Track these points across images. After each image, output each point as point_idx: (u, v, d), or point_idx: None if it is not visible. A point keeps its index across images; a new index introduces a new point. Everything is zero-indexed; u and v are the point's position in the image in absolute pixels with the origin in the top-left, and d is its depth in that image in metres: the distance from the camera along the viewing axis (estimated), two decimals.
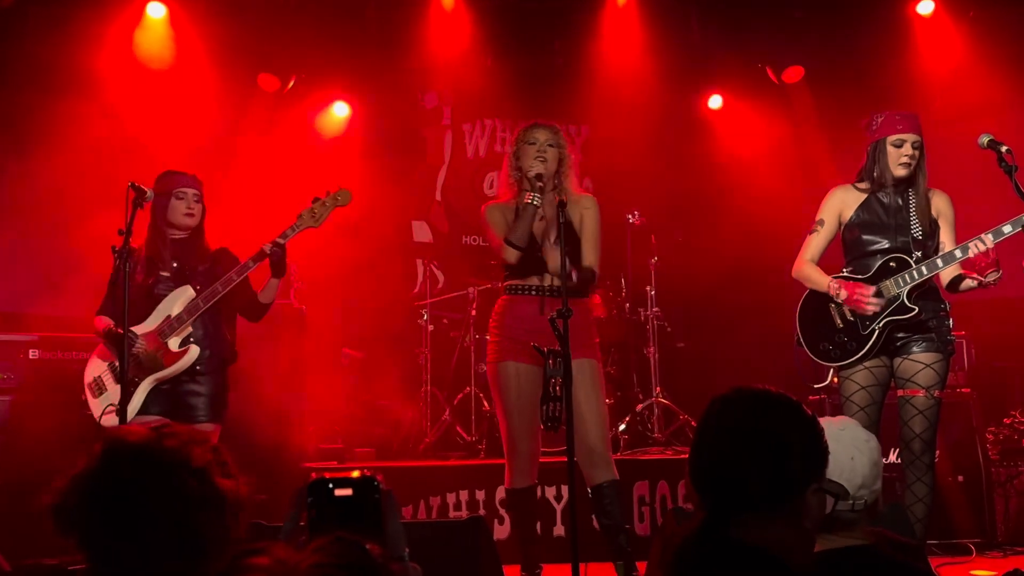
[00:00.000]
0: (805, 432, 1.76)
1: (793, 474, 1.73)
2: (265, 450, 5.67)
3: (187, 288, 4.43)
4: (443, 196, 8.23)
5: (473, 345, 6.72)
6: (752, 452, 1.71)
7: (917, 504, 4.05)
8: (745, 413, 1.76)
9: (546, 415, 3.80)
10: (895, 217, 4.15)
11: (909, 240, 4.11)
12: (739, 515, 1.67)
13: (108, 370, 4.44)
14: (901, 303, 4.05)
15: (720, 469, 1.70)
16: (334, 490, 1.36)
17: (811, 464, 1.77)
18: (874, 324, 4.08)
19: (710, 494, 1.70)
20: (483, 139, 8.34)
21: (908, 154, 4.11)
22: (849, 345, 4.14)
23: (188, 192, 4.49)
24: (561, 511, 5.47)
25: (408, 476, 5.76)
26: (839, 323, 4.18)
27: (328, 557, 1.07)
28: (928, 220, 4.14)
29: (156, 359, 4.32)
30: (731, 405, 1.78)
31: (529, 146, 4.33)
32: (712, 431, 1.75)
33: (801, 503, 1.74)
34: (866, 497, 2.14)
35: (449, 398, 6.79)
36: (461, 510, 5.51)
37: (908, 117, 4.17)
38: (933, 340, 4.09)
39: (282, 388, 5.85)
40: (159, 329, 4.37)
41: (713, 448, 1.72)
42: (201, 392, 4.43)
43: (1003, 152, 3.76)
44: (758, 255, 7.35)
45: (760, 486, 1.69)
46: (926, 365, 4.07)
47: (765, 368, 6.59)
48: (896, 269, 4.08)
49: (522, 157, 4.35)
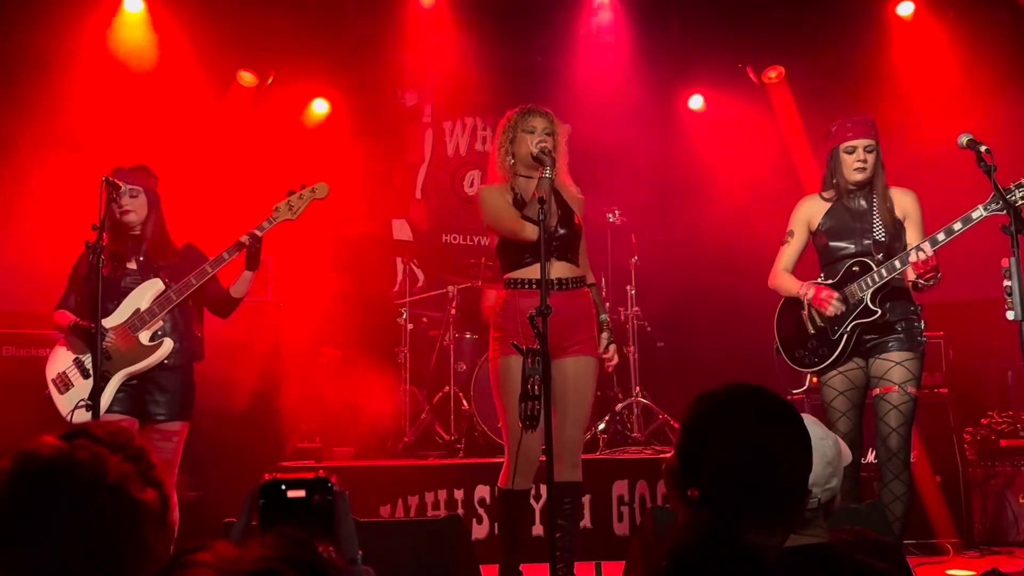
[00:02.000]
0: (806, 436, 1.71)
1: (803, 480, 1.69)
2: (242, 449, 5.63)
3: (156, 281, 4.34)
4: (423, 194, 8.20)
5: (452, 344, 6.70)
6: (784, 456, 1.65)
7: (895, 502, 4.08)
8: (763, 415, 1.69)
9: (524, 413, 3.77)
10: (860, 221, 4.24)
11: (871, 243, 4.20)
12: (746, 520, 1.61)
13: (74, 365, 4.30)
14: (865, 306, 4.14)
15: (739, 472, 1.62)
16: (287, 491, 1.34)
17: (809, 469, 1.73)
18: (842, 328, 4.18)
19: (723, 495, 1.62)
20: (463, 137, 8.31)
21: (860, 159, 4.21)
22: (821, 351, 4.25)
23: (122, 186, 4.25)
24: (540, 510, 5.44)
25: (387, 475, 5.73)
26: (811, 329, 4.29)
27: (272, 551, 1.04)
28: (892, 221, 4.21)
29: (125, 353, 4.23)
30: (743, 406, 1.71)
31: (527, 134, 4.22)
32: (725, 433, 1.66)
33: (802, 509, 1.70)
34: (820, 496, 2.11)
35: (428, 397, 6.76)
36: (440, 509, 5.48)
37: (860, 123, 4.26)
38: (903, 340, 4.16)
39: (260, 386, 5.81)
40: (129, 323, 4.27)
41: (728, 450, 1.63)
42: (168, 388, 4.32)
43: (982, 152, 3.75)
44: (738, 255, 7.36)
45: (778, 491, 1.64)
46: (897, 363, 4.14)
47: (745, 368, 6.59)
48: (859, 273, 4.17)
49: (517, 143, 4.24)
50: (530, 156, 4.17)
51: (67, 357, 4.33)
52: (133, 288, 4.33)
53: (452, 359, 6.66)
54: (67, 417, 4.20)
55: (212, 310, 4.60)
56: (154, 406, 4.30)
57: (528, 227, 4.07)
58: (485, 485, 5.49)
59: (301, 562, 1.04)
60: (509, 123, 4.30)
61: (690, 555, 1.56)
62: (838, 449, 2.18)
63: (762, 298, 7.36)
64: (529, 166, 4.22)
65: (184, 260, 4.43)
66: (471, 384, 6.40)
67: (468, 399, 6.42)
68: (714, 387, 1.76)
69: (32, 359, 5.31)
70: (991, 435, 5.75)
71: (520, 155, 4.24)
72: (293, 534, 1.07)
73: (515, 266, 4.19)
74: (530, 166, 4.22)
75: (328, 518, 1.32)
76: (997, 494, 5.59)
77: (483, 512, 5.45)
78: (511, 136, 4.27)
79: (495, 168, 4.35)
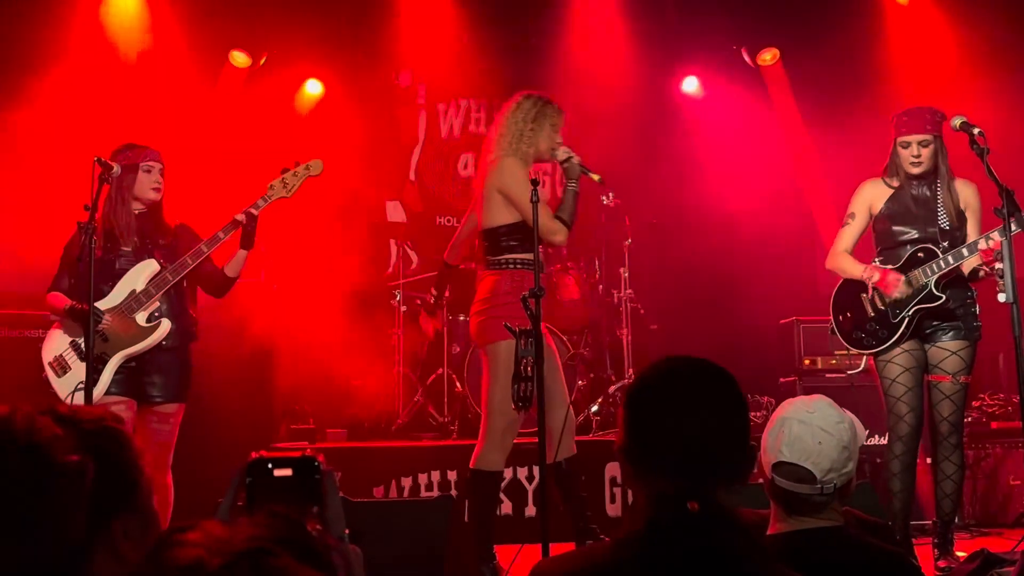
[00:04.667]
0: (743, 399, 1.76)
1: (747, 440, 1.73)
2: (235, 430, 5.63)
3: (150, 262, 4.30)
4: (417, 176, 8.18)
5: (446, 326, 6.70)
6: (736, 424, 1.70)
7: (946, 481, 4.31)
8: (721, 385, 1.74)
9: (517, 395, 3.78)
10: (923, 208, 4.31)
11: (936, 231, 4.28)
12: (708, 483, 1.66)
13: (71, 348, 4.27)
14: (929, 291, 4.22)
15: (708, 441, 1.66)
16: (273, 470, 1.33)
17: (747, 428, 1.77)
18: (904, 312, 4.26)
19: (688, 462, 1.65)
20: (458, 119, 8.29)
21: (915, 155, 4.29)
22: (881, 333, 4.32)
23: (155, 166, 4.35)
24: (533, 491, 5.47)
25: (380, 456, 5.74)
26: (871, 312, 4.35)
27: (263, 530, 1.03)
28: (955, 211, 4.30)
29: (122, 335, 4.22)
30: (702, 377, 1.75)
31: (554, 132, 4.31)
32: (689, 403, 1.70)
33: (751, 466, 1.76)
34: (835, 481, 2.12)
35: (422, 379, 6.76)
36: (432, 490, 5.50)
37: (916, 116, 4.31)
38: (960, 328, 4.28)
39: (254, 367, 5.80)
40: (125, 304, 4.23)
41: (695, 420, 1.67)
42: (166, 370, 4.30)
43: (975, 134, 3.77)
44: (732, 238, 7.37)
45: (741, 457, 1.69)
46: (953, 352, 4.27)
47: (737, 350, 6.63)
48: (924, 259, 4.25)
49: (542, 135, 4.27)
50: (550, 152, 4.27)
51: (63, 340, 4.29)
52: (127, 269, 4.29)
53: (446, 341, 6.66)
54: (65, 400, 4.16)
55: (207, 290, 4.57)
56: (152, 388, 4.28)
57: (560, 231, 4.18)
58: None
59: (292, 541, 1.03)
60: (534, 109, 4.28)
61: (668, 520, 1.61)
62: (853, 432, 2.18)
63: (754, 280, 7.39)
64: (541, 158, 4.29)
65: (178, 240, 4.41)
66: (464, 366, 6.41)
67: (461, 381, 6.43)
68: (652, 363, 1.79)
69: (23, 340, 5.29)
70: (982, 417, 5.79)
71: (541, 147, 4.28)
72: (283, 513, 1.07)
73: (525, 248, 4.18)
74: (541, 158, 4.31)
75: (315, 497, 1.32)
76: (988, 476, 5.63)
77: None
78: (539, 125, 4.26)
79: (502, 146, 4.27)
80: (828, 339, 5.79)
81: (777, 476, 2.14)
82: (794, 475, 2.12)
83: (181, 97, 6.72)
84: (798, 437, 2.13)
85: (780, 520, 2.18)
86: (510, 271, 4.19)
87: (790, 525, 2.16)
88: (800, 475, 2.11)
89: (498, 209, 4.22)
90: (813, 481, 2.11)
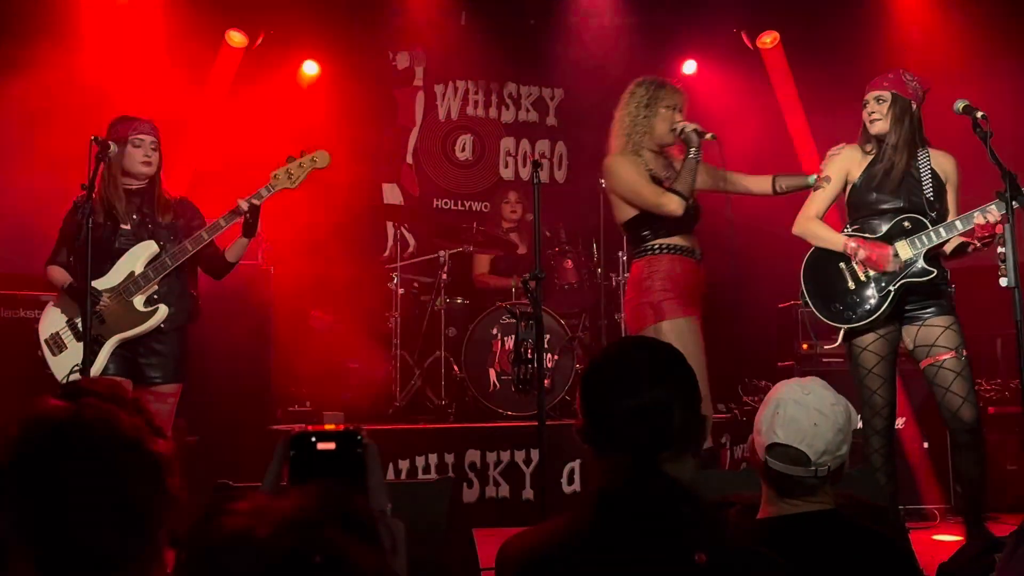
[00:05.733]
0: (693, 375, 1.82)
1: (698, 410, 1.80)
2: (233, 413, 5.62)
3: (150, 244, 4.26)
4: (414, 159, 8.14)
5: (444, 309, 6.68)
6: (682, 394, 1.77)
7: (973, 468, 4.03)
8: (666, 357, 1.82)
9: (517, 378, 3.78)
10: (905, 177, 4.09)
11: (922, 201, 4.06)
12: (660, 455, 1.73)
13: (68, 327, 4.24)
14: (919, 265, 4.00)
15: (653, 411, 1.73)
16: (316, 443, 1.32)
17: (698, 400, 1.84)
18: (890, 285, 4.02)
19: (637, 436, 1.72)
20: (455, 101, 8.24)
21: (871, 110, 4.15)
22: (862, 306, 4.05)
23: (146, 139, 4.26)
24: (530, 475, 5.47)
25: (377, 439, 5.55)
26: (851, 284, 4.09)
27: (311, 503, 1.03)
28: (938, 181, 4.10)
29: (119, 318, 4.19)
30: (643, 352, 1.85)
31: (670, 111, 4.27)
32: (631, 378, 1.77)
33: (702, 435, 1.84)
34: (829, 463, 2.11)
35: (419, 362, 6.75)
36: (430, 473, 5.50)
37: (878, 77, 4.19)
38: (943, 305, 4.06)
39: (250, 350, 5.78)
40: (123, 287, 4.20)
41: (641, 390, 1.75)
42: (163, 352, 4.28)
43: (978, 118, 3.73)
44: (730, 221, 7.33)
45: (685, 425, 1.75)
46: (946, 327, 4.01)
47: (734, 332, 6.63)
48: (911, 230, 4.03)
49: (658, 118, 4.25)
50: (670, 134, 4.23)
51: (60, 318, 4.26)
52: (126, 249, 4.25)
53: (443, 324, 6.65)
54: (62, 381, 4.16)
55: (206, 271, 4.55)
56: (149, 369, 4.26)
57: (677, 201, 4.13)
58: (475, 449, 5.51)
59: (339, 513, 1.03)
60: (647, 95, 4.28)
61: (618, 492, 1.69)
62: (848, 415, 2.17)
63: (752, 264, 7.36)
64: (661, 143, 4.27)
65: (178, 216, 4.37)
66: (462, 349, 6.40)
67: (459, 364, 6.42)
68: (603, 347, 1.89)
69: (20, 320, 5.27)
70: (979, 402, 5.78)
71: (658, 132, 4.26)
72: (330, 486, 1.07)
73: (663, 234, 4.26)
74: (662, 143, 4.28)
75: (358, 470, 1.31)
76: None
77: (473, 476, 5.47)
78: (652, 111, 4.25)
79: (618, 137, 4.31)
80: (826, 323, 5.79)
81: (771, 458, 2.12)
82: (788, 457, 2.10)
83: (177, 76, 6.67)
84: (793, 419, 2.11)
85: (770, 503, 2.17)
86: (646, 258, 4.27)
87: (780, 509, 2.15)
88: (794, 457, 2.10)
89: (620, 207, 4.35)
90: (807, 463, 2.09)
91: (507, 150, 8.28)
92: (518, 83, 8.35)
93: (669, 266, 4.22)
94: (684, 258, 4.27)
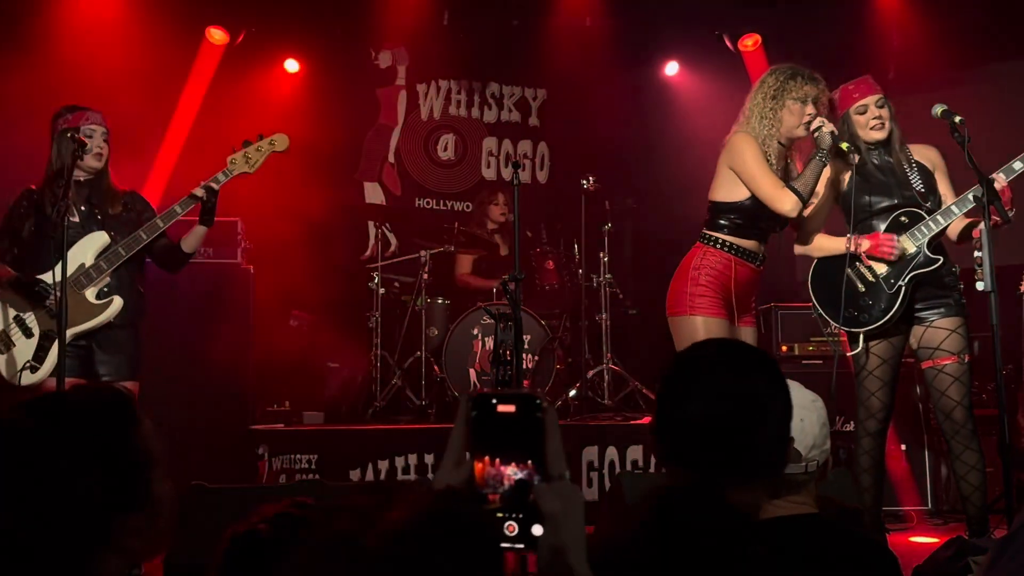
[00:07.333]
0: (786, 387, 1.67)
1: (786, 434, 1.66)
2: (211, 412, 5.58)
3: (101, 234, 4.10)
4: (396, 158, 8.12)
5: (424, 309, 6.67)
6: (760, 412, 1.61)
7: (971, 472, 3.95)
8: (751, 374, 1.64)
9: (497, 379, 3.77)
10: (892, 176, 4.07)
11: (914, 194, 4.03)
12: (728, 479, 1.59)
13: (14, 324, 4.04)
14: (924, 255, 3.97)
15: (719, 427, 1.58)
16: (497, 405, 1.31)
17: (790, 422, 1.69)
18: (899, 281, 3.98)
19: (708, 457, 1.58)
20: (438, 100, 8.23)
21: (875, 115, 4.07)
22: (878, 306, 4.01)
23: (97, 130, 4.11)
24: None
25: (356, 439, 5.72)
26: (861, 287, 4.05)
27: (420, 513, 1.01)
28: (926, 172, 4.08)
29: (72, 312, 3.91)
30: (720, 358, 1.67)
31: (799, 104, 3.99)
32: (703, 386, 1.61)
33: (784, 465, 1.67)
34: (817, 458, 2.11)
35: (399, 362, 6.74)
36: (409, 473, 5.49)
37: (860, 82, 4.15)
38: (951, 304, 4.02)
39: (230, 349, 5.74)
40: (74, 279, 4.00)
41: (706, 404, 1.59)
42: (117, 348, 4.14)
43: (956, 123, 3.75)
44: None
45: (768, 453, 1.62)
46: (951, 331, 3.99)
47: None
48: (909, 223, 4.00)
49: (786, 111, 3.98)
50: (801, 128, 3.97)
51: (6, 313, 4.06)
52: (75, 241, 4.03)
53: (423, 324, 6.64)
54: (13, 380, 4.00)
55: (159, 264, 4.40)
56: (102, 366, 4.11)
57: (788, 199, 3.89)
58: None
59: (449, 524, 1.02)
60: (775, 85, 4.03)
61: (674, 515, 1.52)
62: (825, 410, 2.18)
63: None
64: (791, 136, 4.03)
65: (129, 211, 4.23)
66: (443, 349, 6.38)
67: (439, 364, 6.40)
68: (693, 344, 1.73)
69: None
70: None
71: (786, 125, 4.00)
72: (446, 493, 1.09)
73: (740, 232, 4.04)
74: (792, 136, 4.03)
75: (537, 434, 1.30)
76: None
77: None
78: (779, 103, 4.00)
79: (738, 121, 4.13)
80: (806, 325, 5.80)
81: None
82: None
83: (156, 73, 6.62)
84: None
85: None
86: (708, 248, 4.07)
87: (767, 512, 2.14)
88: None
89: (724, 184, 4.07)
90: (798, 459, 2.09)
91: (489, 150, 8.28)
92: (501, 83, 8.35)
93: (724, 267, 4.01)
94: (744, 263, 4.04)
